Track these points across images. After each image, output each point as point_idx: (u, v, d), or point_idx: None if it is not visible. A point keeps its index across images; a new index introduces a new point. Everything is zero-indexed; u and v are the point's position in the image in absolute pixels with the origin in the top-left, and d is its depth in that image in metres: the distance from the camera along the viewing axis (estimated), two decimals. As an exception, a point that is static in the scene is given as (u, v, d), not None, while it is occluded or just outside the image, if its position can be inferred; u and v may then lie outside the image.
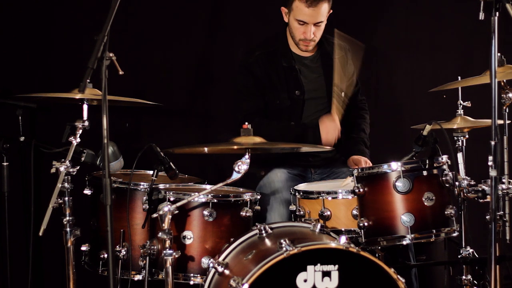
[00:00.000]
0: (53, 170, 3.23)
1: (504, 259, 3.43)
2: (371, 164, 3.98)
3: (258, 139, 3.21)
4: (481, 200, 3.33)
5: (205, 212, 3.30)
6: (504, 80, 3.35)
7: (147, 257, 3.29)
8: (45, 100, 3.84)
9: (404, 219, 3.27)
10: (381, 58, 4.96)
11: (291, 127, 3.99)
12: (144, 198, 3.37)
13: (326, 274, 2.91)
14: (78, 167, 3.27)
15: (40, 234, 3.09)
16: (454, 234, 3.35)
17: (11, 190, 3.82)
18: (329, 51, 4.13)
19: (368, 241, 3.33)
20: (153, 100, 3.70)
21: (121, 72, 2.73)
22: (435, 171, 3.32)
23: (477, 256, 3.47)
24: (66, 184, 3.24)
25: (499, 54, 3.18)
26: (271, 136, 3.49)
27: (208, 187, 3.46)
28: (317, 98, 4.10)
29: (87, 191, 3.52)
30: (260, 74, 4.03)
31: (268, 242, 3.12)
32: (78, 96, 3.29)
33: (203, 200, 3.31)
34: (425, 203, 3.28)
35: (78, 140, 3.26)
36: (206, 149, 3.56)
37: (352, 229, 3.43)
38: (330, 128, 3.90)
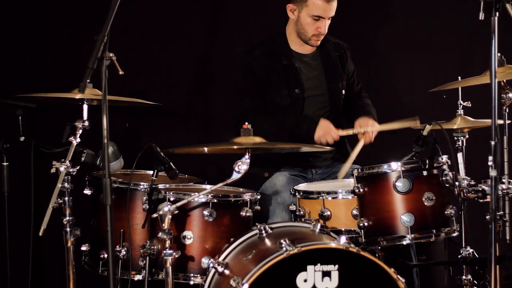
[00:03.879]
0: (53, 170, 3.23)
1: (504, 259, 3.44)
2: (378, 126, 3.93)
3: (258, 139, 3.20)
4: (481, 200, 3.33)
5: (205, 212, 3.30)
6: (504, 80, 3.35)
7: (147, 257, 3.29)
8: (45, 100, 3.84)
9: (404, 219, 3.27)
10: (381, 58, 4.96)
11: (287, 118, 3.98)
12: (144, 198, 3.37)
13: (326, 274, 2.91)
14: (78, 167, 3.27)
15: (40, 234, 3.09)
16: (454, 234, 3.36)
17: (11, 190, 3.82)
18: (328, 49, 4.14)
19: (368, 241, 3.33)
20: (153, 100, 3.70)
21: (121, 72, 2.73)
22: (435, 171, 3.32)
23: (477, 256, 3.47)
24: (66, 184, 3.24)
25: (499, 54, 3.18)
26: (268, 129, 3.48)
27: (208, 187, 3.46)
28: (318, 96, 4.10)
29: (87, 191, 3.52)
30: (261, 73, 4.03)
31: (268, 242, 3.12)
32: (78, 96, 3.29)
33: (203, 200, 3.31)
34: (425, 203, 3.28)
35: (78, 140, 3.26)
36: (206, 149, 3.56)
37: (352, 229, 3.43)
38: (327, 133, 3.87)
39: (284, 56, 4.07)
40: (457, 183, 3.35)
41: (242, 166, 3.12)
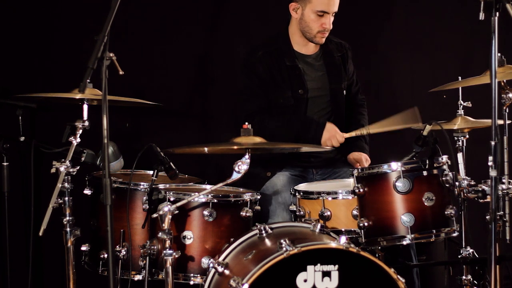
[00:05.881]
0: (53, 170, 3.23)
1: (504, 259, 3.43)
2: (369, 161, 3.98)
3: (258, 139, 3.20)
4: (481, 200, 3.33)
5: (205, 212, 3.30)
6: (504, 80, 3.35)
7: (147, 257, 3.29)
8: (45, 100, 3.84)
9: (404, 219, 3.27)
10: (381, 58, 4.96)
11: (293, 120, 3.99)
12: (144, 198, 3.37)
13: (326, 274, 2.91)
14: (78, 167, 3.28)
15: (40, 234, 3.09)
16: (454, 234, 3.36)
17: (11, 190, 3.82)
18: (331, 49, 4.15)
19: (368, 241, 3.33)
20: (153, 100, 3.70)
21: (121, 72, 2.73)
22: (435, 171, 3.32)
23: (477, 256, 3.47)
24: (66, 184, 3.25)
25: (499, 54, 3.18)
26: (274, 131, 3.46)
27: (208, 187, 3.46)
28: (320, 96, 4.10)
29: (87, 191, 3.52)
30: (264, 74, 4.02)
31: (268, 242, 3.12)
32: (78, 96, 3.30)
33: (203, 200, 3.31)
34: (425, 203, 3.28)
35: (78, 140, 3.26)
36: (206, 149, 3.57)
37: (352, 229, 3.43)
38: (333, 137, 3.90)
39: (287, 56, 4.07)
40: (457, 183, 3.35)
41: (242, 166, 3.12)
